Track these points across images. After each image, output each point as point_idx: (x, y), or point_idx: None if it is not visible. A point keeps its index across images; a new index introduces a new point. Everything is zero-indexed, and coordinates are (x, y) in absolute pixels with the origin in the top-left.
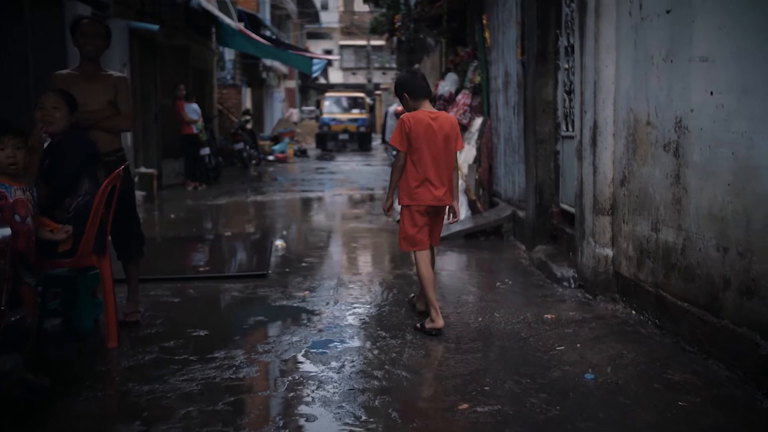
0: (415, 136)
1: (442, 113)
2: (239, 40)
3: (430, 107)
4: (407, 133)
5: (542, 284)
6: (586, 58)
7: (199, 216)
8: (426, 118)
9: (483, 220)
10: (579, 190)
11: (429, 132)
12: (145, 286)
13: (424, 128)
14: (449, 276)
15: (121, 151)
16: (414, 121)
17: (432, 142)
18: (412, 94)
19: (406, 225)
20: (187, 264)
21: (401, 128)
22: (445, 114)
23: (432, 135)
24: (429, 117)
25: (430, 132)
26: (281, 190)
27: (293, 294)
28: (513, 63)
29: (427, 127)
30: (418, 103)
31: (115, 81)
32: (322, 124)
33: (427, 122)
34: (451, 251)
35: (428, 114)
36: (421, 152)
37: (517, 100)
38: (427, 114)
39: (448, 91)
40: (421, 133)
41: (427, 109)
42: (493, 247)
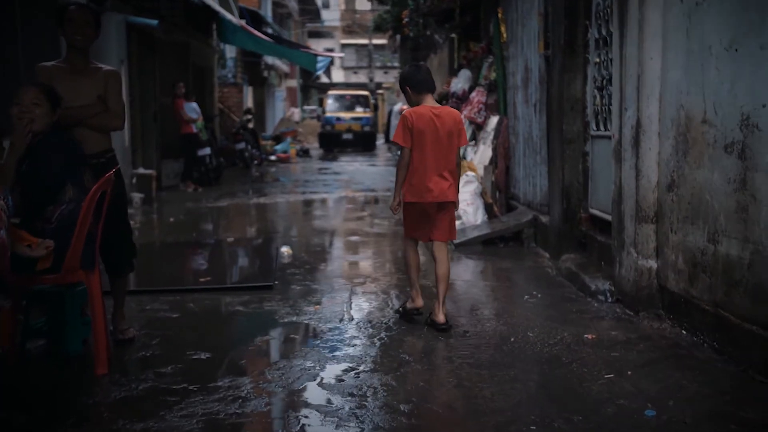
0: (417, 131)
1: (445, 108)
2: (241, 36)
3: (433, 102)
4: (410, 128)
5: (575, 298)
6: (627, 50)
7: (199, 219)
8: (428, 113)
9: (501, 225)
10: (617, 195)
11: (432, 127)
12: (142, 300)
13: (426, 123)
14: (470, 287)
15: (111, 153)
16: (416, 116)
17: (435, 137)
18: (414, 88)
19: (407, 220)
20: (187, 273)
21: (404, 124)
22: (449, 109)
23: (435, 130)
24: (432, 112)
25: (433, 127)
26: (284, 191)
27: (303, 308)
28: (534, 57)
29: (429, 122)
30: (421, 98)
31: (105, 74)
32: (325, 124)
33: (429, 117)
34: (468, 258)
35: (431, 109)
36: (424, 148)
37: (538, 97)
38: (429, 109)
39: (462, 89)
40: (423, 128)
41: (429, 104)
42: (513, 254)
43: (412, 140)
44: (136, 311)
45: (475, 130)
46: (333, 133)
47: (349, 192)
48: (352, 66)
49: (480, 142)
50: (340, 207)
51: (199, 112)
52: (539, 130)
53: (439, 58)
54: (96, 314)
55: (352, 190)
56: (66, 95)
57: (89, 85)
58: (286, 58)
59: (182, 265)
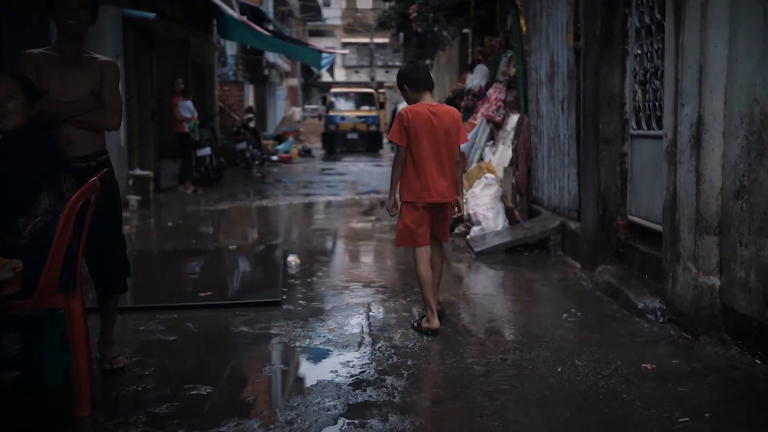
0: (413, 130)
1: (443, 106)
2: (242, 32)
3: (432, 100)
4: (406, 127)
5: (619, 316)
6: (685, 37)
7: (199, 224)
8: (425, 111)
9: (525, 231)
10: (670, 202)
11: (428, 125)
12: (135, 318)
13: (423, 122)
14: (499, 303)
15: (104, 155)
16: (412, 114)
17: (432, 135)
18: (412, 86)
19: (406, 221)
20: (186, 286)
21: (399, 122)
22: (446, 107)
23: (431, 128)
24: (428, 110)
25: (430, 125)
26: (287, 193)
27: (316, 330)
28: (562, 51)
29: (426, 121)
30: (419, 96)
31: (100, 66)
32: (329, 123)
33: (426, 115)
34: (491, 268)
35: (428, 107)
36: (420, 147)
37: (566, 94)
38: (426, 107)
39: (478, 85)
40: (420, 126)
41: (427, 102)
42: (540, 263)
43: (409, 139)
44: (128, 333)
45: (493, 129)
46: (337, 133)
47: (355, 194)
48: (353, 65)
49: (499, 142)
50: (346, 210)
51: (194, 111)
52: (567, 129)
53: (448, 54)
54: (77, 347)
55: (357, 192)
56: (54, 88)
57: (82, 78)
58: (290, 54)
59: (180, 276)
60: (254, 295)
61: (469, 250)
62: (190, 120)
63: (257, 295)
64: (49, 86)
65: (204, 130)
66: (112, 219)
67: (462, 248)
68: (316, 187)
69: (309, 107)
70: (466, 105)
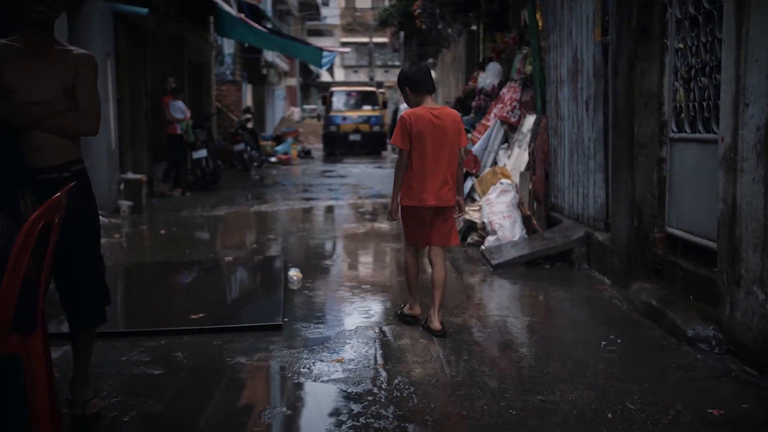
0: (416, 133)
1: (444, 108)
2: (240, 29)
3: (433, 103)
4: (408, 130)
5: (665, 344)
6: (751, 27)
7: (194, 231)
8: (428, 115)
9: (546, 242)
10: (728, 215)
11: (431, 129)
12: (118, 346)
13: (425, 125)
14: (525, 326)
15: (78, 165)
16: (415, 118)
17: (434, 139)
18: (414, 89)
19: (408, 224)
20: (176, 306)
21: (402, 126)
22: (448, 109)
23: (434, 132)
24: (431, 113)
25: (432, 129)
26: (287, 197)
27: (323, 360)
28: (587, 46)
29: (428, 124)
30: (420, 99)
31: (75, 60)
32: (330, 124)
33: (428, 119)
34: (512, 284)
35: (430, 110)
36: (423, 150)
37: (592, 93)
38: (428, 110)
39: (491, 84)
40: (423, 130)
41: (428, 105)
42: (564, 278)
43: (411, 143)
44: (107, 365)
45: (507, 131)
46: (339, 135)
47: (357, 198)
48: (352, 65)
49: (514, 144)
50: (349, 217)
51: (186, 111)
52: (593, 131)
53: (453, 53)
54: (37, 398)
55: (360, 196)
56: (20, 86)
57: (52, 74)
58: (290, 52)
59: (171, 293)
60: (252, 316)
61: (485, 262)
62: (182, 121)
63: (256, 316)
64: (13, 84)
65: (200, 132)
66: (87, 239)
67: (477, 260)
68: (317, 191)
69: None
70: (478, 105)
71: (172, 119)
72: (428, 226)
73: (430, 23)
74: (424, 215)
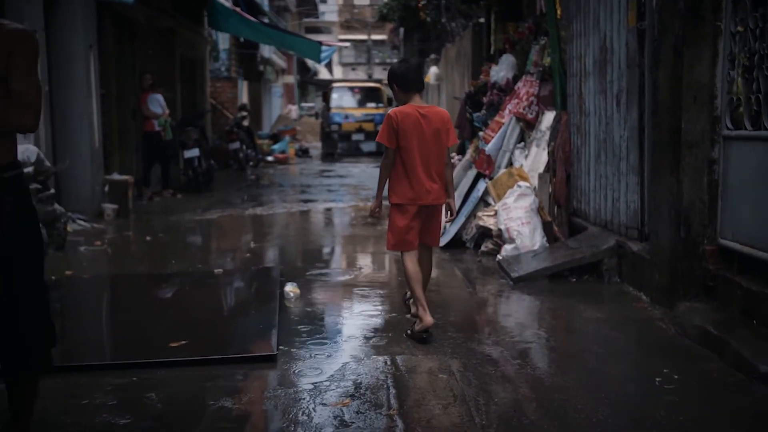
0: (402, 131)
1: (432, 107)
2: (235, 22)
3: (421, 101)
4: (395, 128)
5: (734, 382)
6: None
7: (182, 237)
8: (414, 113)
9: (571, 252)
10: None
11: (418, 127)
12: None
13: (412, 123)
14: (562, 357)
15: (13, 170)
16: (401, 116)
17: (421, 137)
18: (402, 87)
19: (396, 224)
20: (154, 331)
21: (388, 124)
22: (436, 108)
23: (421, 130)
24: (418, 111)
25: (419, 127)
26: (284, 199)
27: (325, 403)
28: (618, 33)
29: (415, 122)
30: (408, 97)
31: (9, 38)
32: (330, 123)
33: (415, 117)
34: (537, 301)
35: (417, 108)
36: (410, 149)
37: (624, 86)
38: (415, 108)
39: (505, 78)
40: (409, 128)
41: (417, 103)
42: (594, 294)
43: (398, 141)
44: (60, 412)
45: (524, 128)
46: (340, 134)
47: (359, 200)
48: (350, 62)
49: (532, 143)
50: (350, 220)
51: (165, 106)
52: (625, 128)
53: (458, 47)
54: None
55: (361, 198)
56: None
57: None
58: (287, 47)
59: (148, 314)
60: (242, 344)
61: (502, 274)
62: (160, 116)
63: (246, 344)
64: None
65: (192, 130)
66: (25, 266)
67: (494, 271)
68: (316, 192)
69: (306, 105)
70: (490, 101)
71: (149, 114)
72: (416, 225)
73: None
74: (413, 214)
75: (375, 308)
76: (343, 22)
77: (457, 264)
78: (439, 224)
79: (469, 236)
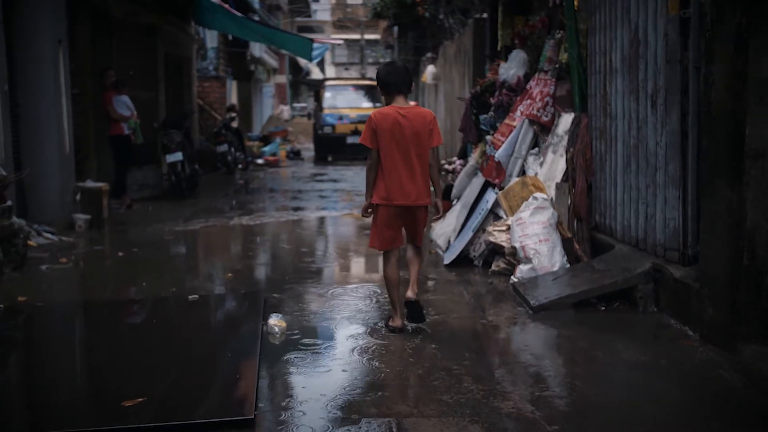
0: (381, 132)
1: (414, 108)
2: (221, 18)
3: (404, 102)
4: (374, 129)
5: None
6: None
7: (158, 252)
8: (394, 114)
9: (598, 276)
10: None
11: (396, 128)
12: None
13: (390, 125)
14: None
15: None
16: (380, 117)
17: (400, 138)
18: (383, 88)
19: (375, 222)
20: (105, 383)
21: (369, 125)
22: (419, 109)
23: (399, 131)
24: (398, 112)
25: (397, 128)
26: (273, 206)
27: None
28: (655, 24)
29: (393, 124)
30: (391, 98)
31: None
32: (323, 124)
33: (394, 118)
34: (564, 338)
35: (397, 109)
36: (389, 150)
37: (662, 84)
38: (395, 109)
39: (515, 76)
40: (386, 129)
41: (399, 105)
42: (630, 328)
43: (378, 142)
44: None
45: (538, 132)
46: (334, 138)
47: (354, 208)
48: (343, 62)
49: (547, 149)
50: (346, 232)
51: (132, 108)
52: (663, 133)
53: (458, 44)
54: None
55: (356, 205)
56: None
57: None
58: (277, 44)
59: (102, 359)
60: (212, 404)
61: (519, 300)
62: (129, 119)
63: (217, 404)
64: None
65: (175, 133)
66: None
67: (508, 296)
68: (308, 198)
69: (298, 105)
70: (499, 102)
71: (116, 116)
72: (399, 225)
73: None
74: (394, 214)
75: (378, 351)
76: (335, 21)
77: (466, 286)
78: (421, 224)
79: (477, 253)
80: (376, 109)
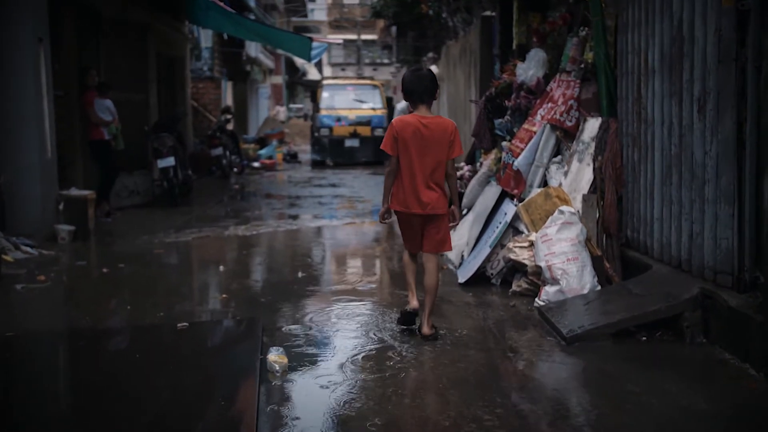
0: (401, 140)
1: (436, 118)
2: (214, 15)
3: (427, 112)
4: (395, 136)
5: None
6: None
7: (146, 268)
8: (416, 122)
9: (637, 302)
10: None
11: (416, 137)
12: None
13: (411, 133)
14: None
15: None
16: (401, 125)
17: (420, 147)
18: (407, 97)
19: (401, 228)
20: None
21: (390, 132)
22: (441, 119)
23: (420, 140)
24: (420, 121)
25: (418, 137)
26: (270, 214)
27: None
28: (702, 18)
29: (414, 132)
30: (414, 107)
31: None
32: (320, 126)
33: (415, 127)
34: (604, 373)
35: (420, 118)
36: (408, 157)
37: (712, 87)
38: (418, 118)
39: (534, 77)
40: (407, 137)
41: (421, 114)
42: (680, 364)
43: (398, 149)
44: None
45: (560, 138)
46: (332, 140)
47: (355, 217)
48: (339, 62)
49: (572, 157)
50: (347, 242)
51: (114, 112)
52: (713, 142)
53: (463, 43)
54: None
55: (357, 212)
56: None
57: None
58: (274, 43)
59: (67, 411)
60: None
61: (546, 327)
62: (110, 124)
63: None
64: None
65: (167, 137)
66: None
67: (533, 323)
68: (306, 205)
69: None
70: (516, 105)
71: (97, 120)
72: (418, 232)
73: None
74: (412, 221)
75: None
76: (332, 21)
77: (485, 309)
78: (440, 232)
79: (495, 271)
80: (398, 117)
